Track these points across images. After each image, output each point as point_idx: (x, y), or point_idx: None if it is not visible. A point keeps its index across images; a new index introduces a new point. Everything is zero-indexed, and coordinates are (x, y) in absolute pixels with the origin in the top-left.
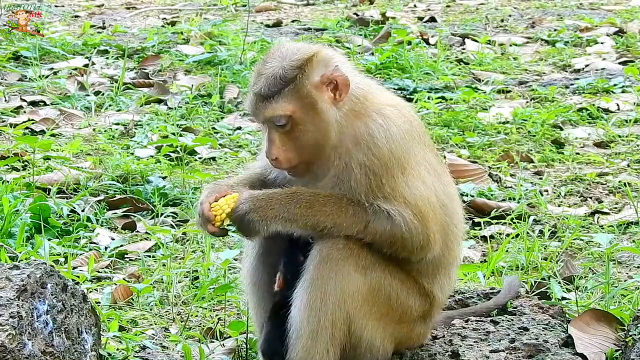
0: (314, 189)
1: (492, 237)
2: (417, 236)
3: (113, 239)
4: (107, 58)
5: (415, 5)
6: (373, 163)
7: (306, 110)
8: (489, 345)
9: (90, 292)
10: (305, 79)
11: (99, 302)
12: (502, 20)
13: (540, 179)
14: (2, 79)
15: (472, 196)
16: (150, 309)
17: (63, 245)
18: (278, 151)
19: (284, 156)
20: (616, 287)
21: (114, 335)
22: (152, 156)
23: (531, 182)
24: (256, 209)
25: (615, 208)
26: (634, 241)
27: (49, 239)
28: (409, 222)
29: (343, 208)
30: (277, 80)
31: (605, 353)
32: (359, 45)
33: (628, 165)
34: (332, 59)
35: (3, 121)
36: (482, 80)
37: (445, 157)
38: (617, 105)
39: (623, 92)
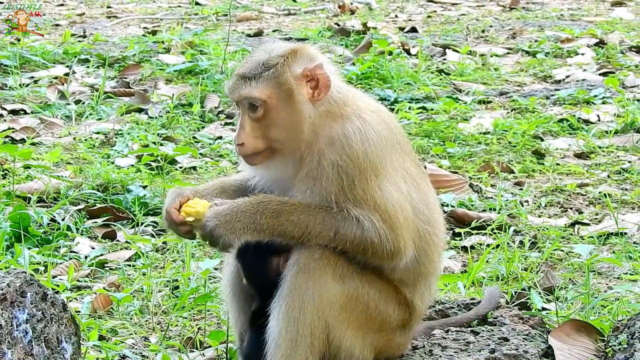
0: (282, 198)
1: (472, 247)
2: (387, 242)
3: (93, 248)
4: (88, 67)
5: (396, 16)
6: (346, 164)
7: (282, 98)
8: (469, 355)
9: (70, 301)
10: (287, 67)
11: (79, 311)
12: (483, 31)
13: (521, 189)
14: None
15: (453, 206)
16: (130, 318)
17: (43, 254)
18: (246, 137)
19: (251, 143)
20: (596, 297)
21: (93, 345)
22: (132, 165)
23: (512, 193)
24: (222, 224)
25: (596, 219)
26: (614, 252)
27: (29, 248)
28: (377, 227)
29: (311, 216)
30: (259, 64)
31: None
32: (340, 55)
33: (608, 176)
34: (317, 57)
35: None
36: (463, 91)
37: (425, 167)
38: (598, 116)
39: (603, 103)
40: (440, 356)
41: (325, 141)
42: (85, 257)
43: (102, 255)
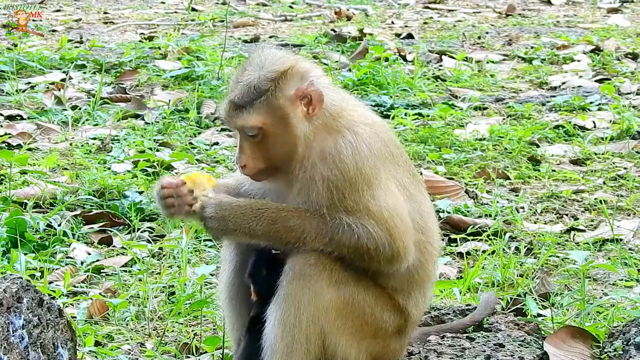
0: (280, 204)
1: (468, 253)
2: (384, 247)
3: (89, 254)
4: (85, 72)
5: (392, 22)
6: (336, 178)
7: (277, 122)
8: None
9: (66, 306)
10: (279, 91)
11: (75, 317)
12: (479, 38)
13: (517, 195)
14: None
15: (449, 213)
16: (126, 324)
17: (39, 260)
18: (247, 160)
19: (252, 165)
20: (592, 304)
21: (89, 351)
22: (128, 171)
23: (507, 199)
24: (217, 218)
25: (591, 225)
26: (609, 258)
27: (25, 254)
28: (372, 232)
29: (307, 222)
30: (251, 90)
31: None
32: (337, 62)
33: (604, 183)
34: (308, 72)
35: None
36: (459, 97)
37: (421, 174)
38: (593, 122)
39: (599, 109)
40: None
41: (317, 155)
42: (82, 263)
43: (98, 260)
